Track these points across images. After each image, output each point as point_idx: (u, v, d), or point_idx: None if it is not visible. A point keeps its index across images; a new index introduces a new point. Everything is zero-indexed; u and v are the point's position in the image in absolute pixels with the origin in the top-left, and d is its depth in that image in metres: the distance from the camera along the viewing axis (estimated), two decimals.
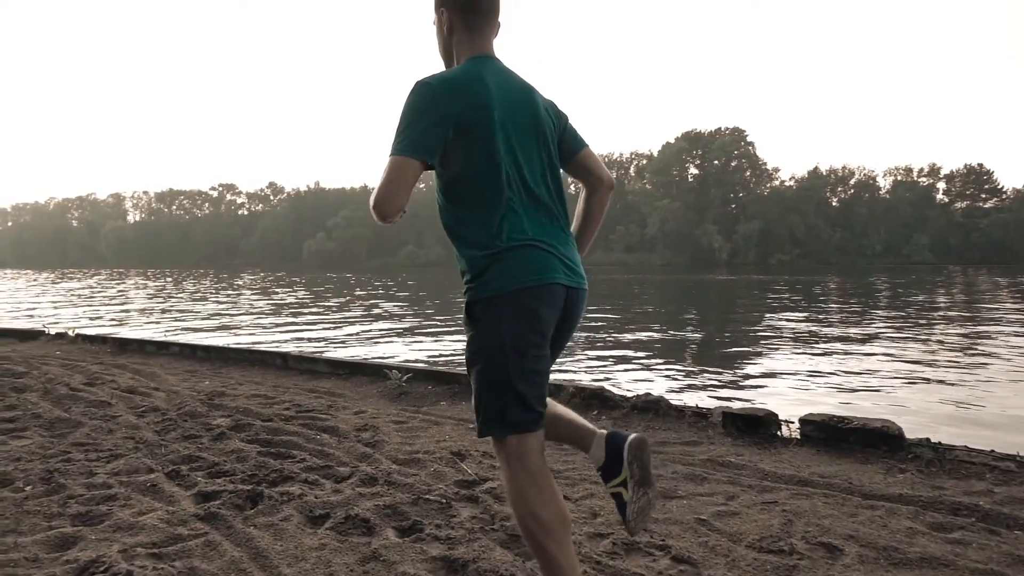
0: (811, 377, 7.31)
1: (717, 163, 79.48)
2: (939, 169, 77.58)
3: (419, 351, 9.65)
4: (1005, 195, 72.99)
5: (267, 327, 13.17)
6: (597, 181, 1.85)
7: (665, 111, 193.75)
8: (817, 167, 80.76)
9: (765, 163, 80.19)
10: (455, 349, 9.54)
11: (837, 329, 11.98)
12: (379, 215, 1.52)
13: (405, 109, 1.56)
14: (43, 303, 20.70)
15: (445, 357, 8.94)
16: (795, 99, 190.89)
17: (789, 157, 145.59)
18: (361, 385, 4.93)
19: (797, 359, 8.60)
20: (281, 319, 14.89)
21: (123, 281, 39.17)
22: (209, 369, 5.70)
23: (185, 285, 33.26)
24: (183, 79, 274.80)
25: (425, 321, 14.26)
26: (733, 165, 79.48)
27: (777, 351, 9.41)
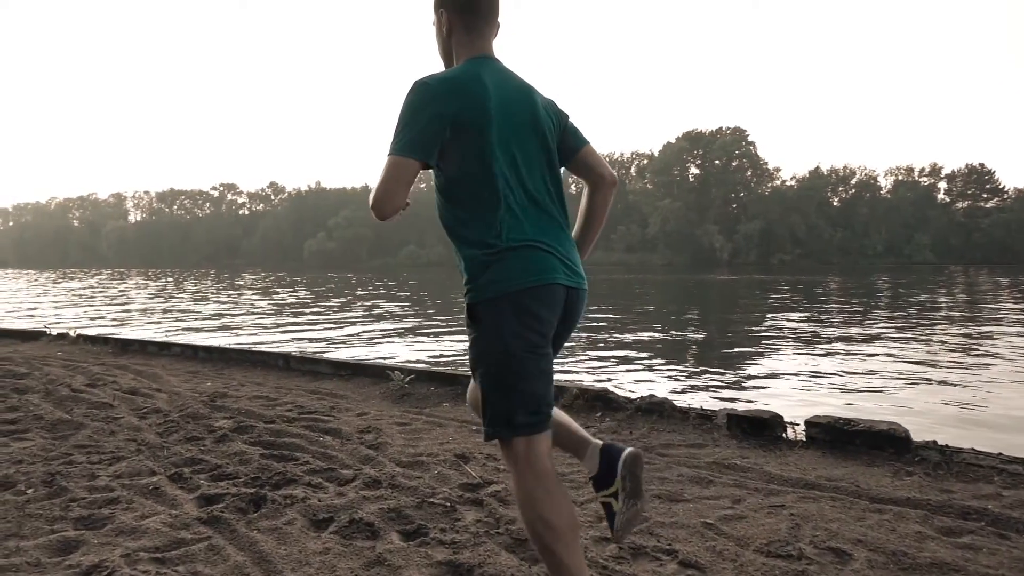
0: (813, 378, 7.29)
1: (718, 163, 79.46)
2: (940, 169, 77.60)
3: (421, 351, 9.63)
4: (1006, 195, 72.98)
5: (268, 327, 13.16)
6: (599, 178, 1.83)
7: (666, 111, 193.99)
8: (818, 167, 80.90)
9: (766, 163, 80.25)
10: (457, 350, 9.52)
11: (839, 329, 11.95)
12: (377, 214, 1.55)
13: (403, 109, 1.56)
14: (44, 303, 20.70)
15: (447, 358, 8.92)
16: (796, 99, 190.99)
17: (790, 157, 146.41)
18: (363, 386, 4.91)
19: (799, 359, 8.57)
20: (282, 319, 14.88)
21: (124, 281, 39.19)
22: (211, 370, 5.69)
23: (186, 285, 33.27)
24: (184, 79, 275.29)
25: (426, 321, 14.25)
26: (734, 165, 79.46)
27: (779, 351, 9.39)
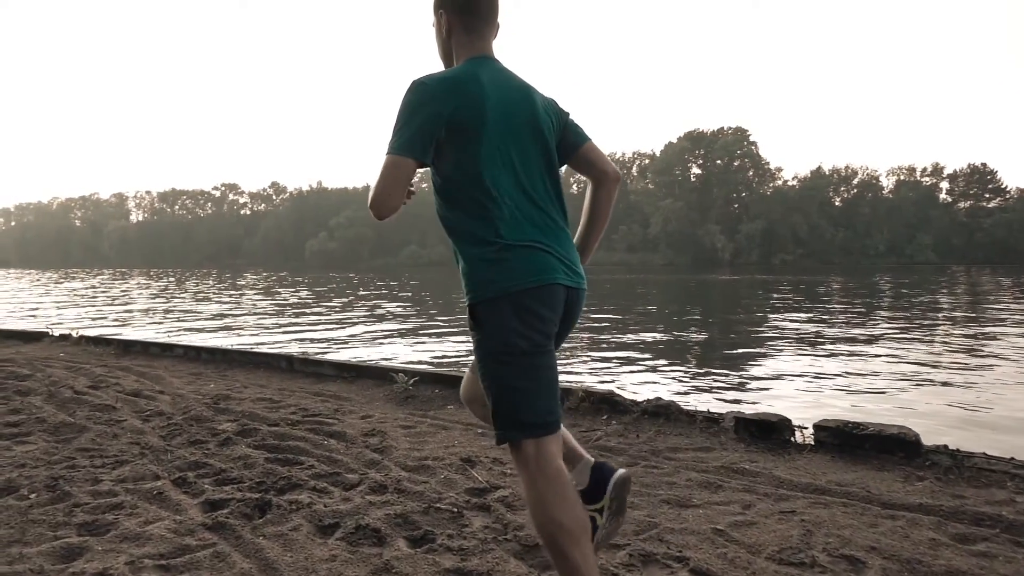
0: (818, 379, 7.25)
1: (720, 163, 79.45)
2: (942, 169, 77.61)
3: (423, 352, 9.60)
4: (1008, 195, 72.95)
5: (270, 328, 13.13)
6: (602, 174, 1.81)
7: (667, 111, 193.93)
8: (820, 167, 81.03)
9: (768, 163, 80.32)
10: (460, 351, 9.49)
11: (842, 330, 11.91)
12: (376, 213, 1.55)
13: (401, 108, 1.56)
14: (46, 303, 20.68)
15: (450, 359, 8.88)
16: (798, 99, 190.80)
17: (792, 157, 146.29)
18: (367, 388, 4.89)
19: (802, 360, 8.54)
20: (284, 319, 14.86)
21: (126, 281, 39.19)
22: (214, 371, 5.67)
23: (188, 285, 33.26)
24: (185, 79, 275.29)
25: (428, 322, 14.22)
26: (736, 165, 79.46)
27: (782, 352, 9.35)
